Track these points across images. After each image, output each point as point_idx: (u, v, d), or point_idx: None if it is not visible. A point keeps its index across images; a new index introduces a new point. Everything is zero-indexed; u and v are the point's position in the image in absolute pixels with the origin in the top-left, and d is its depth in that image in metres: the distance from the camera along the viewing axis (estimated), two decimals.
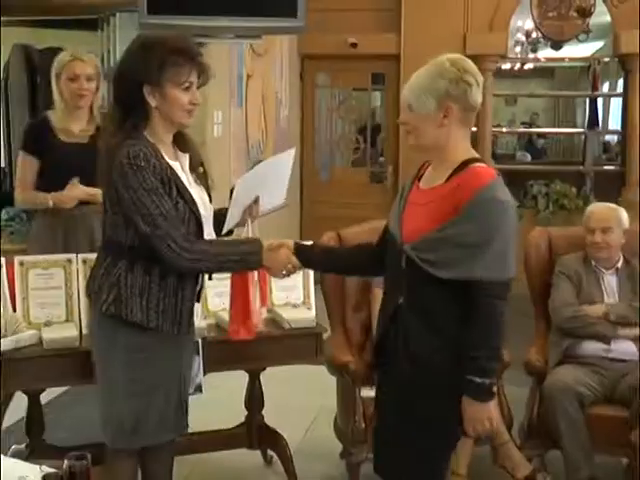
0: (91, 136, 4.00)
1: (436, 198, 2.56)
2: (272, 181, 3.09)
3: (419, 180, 2.70)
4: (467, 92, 2.55)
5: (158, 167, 2.70)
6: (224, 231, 3.00)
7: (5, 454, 2.95)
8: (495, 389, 2.57)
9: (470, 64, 2.60)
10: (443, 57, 2.60)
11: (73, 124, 4.10)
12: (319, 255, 3.04)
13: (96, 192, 3.61)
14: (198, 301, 3.08)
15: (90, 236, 4.02)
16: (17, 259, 3.44)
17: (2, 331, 3.19)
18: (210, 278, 3.14)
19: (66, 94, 4.05)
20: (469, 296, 2.48)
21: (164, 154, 2.77)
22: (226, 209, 3.01)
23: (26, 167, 4.13)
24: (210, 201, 2.95)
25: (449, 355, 2.54)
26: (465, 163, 2.57)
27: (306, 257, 2.92)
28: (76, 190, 3.99)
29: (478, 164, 2.58)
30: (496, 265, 2.47)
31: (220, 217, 3.00)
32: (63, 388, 4.46)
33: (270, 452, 4.13)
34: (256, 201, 3.02)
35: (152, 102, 2.73)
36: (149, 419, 2.87)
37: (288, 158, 3.14)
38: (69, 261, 3.45)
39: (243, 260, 2.79)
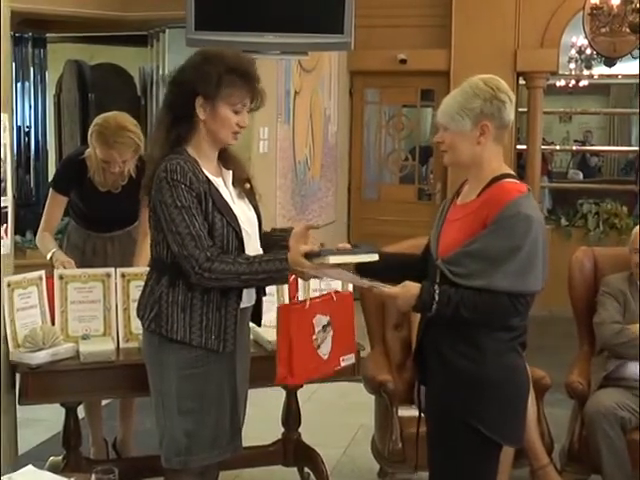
0: (123, 186, 3.94)
1: (467, 214, 2.61)
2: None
3: (457, 197, 2.75)
4: (501, 110, 2.59)
5: (195, 182, 2.68)
6: None
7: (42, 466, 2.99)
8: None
9: (503, 83, 2.64)
10: (475, 78, 2.63)
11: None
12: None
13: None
14: (259, 324, 3.06)
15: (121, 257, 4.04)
16: (57, 272, 3.51)
17: (40, 344, 3.22)
18: (264, 294, 3.01)
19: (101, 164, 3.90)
20: None
21: (205, 169, 2.76)
22: (274, 230, 3.03)
23: (54, 205, 4.04)
24: (259, 217, 2.93)
25: (476, 362, 2.56)
26: (495, 179, 2.60)
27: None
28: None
29: (507, 180, 2.61)
30: (518, 277, 2.48)
31: (269, 239, 2.95)
32: (105, 401, 4.48)
33: (307, 470, 4.10)
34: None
35: (201, 115, 2.73)
36: (202, 437, 2.81)
37: None
38: (108, 275, 3.49)
39: (270, 278, 2.72)
